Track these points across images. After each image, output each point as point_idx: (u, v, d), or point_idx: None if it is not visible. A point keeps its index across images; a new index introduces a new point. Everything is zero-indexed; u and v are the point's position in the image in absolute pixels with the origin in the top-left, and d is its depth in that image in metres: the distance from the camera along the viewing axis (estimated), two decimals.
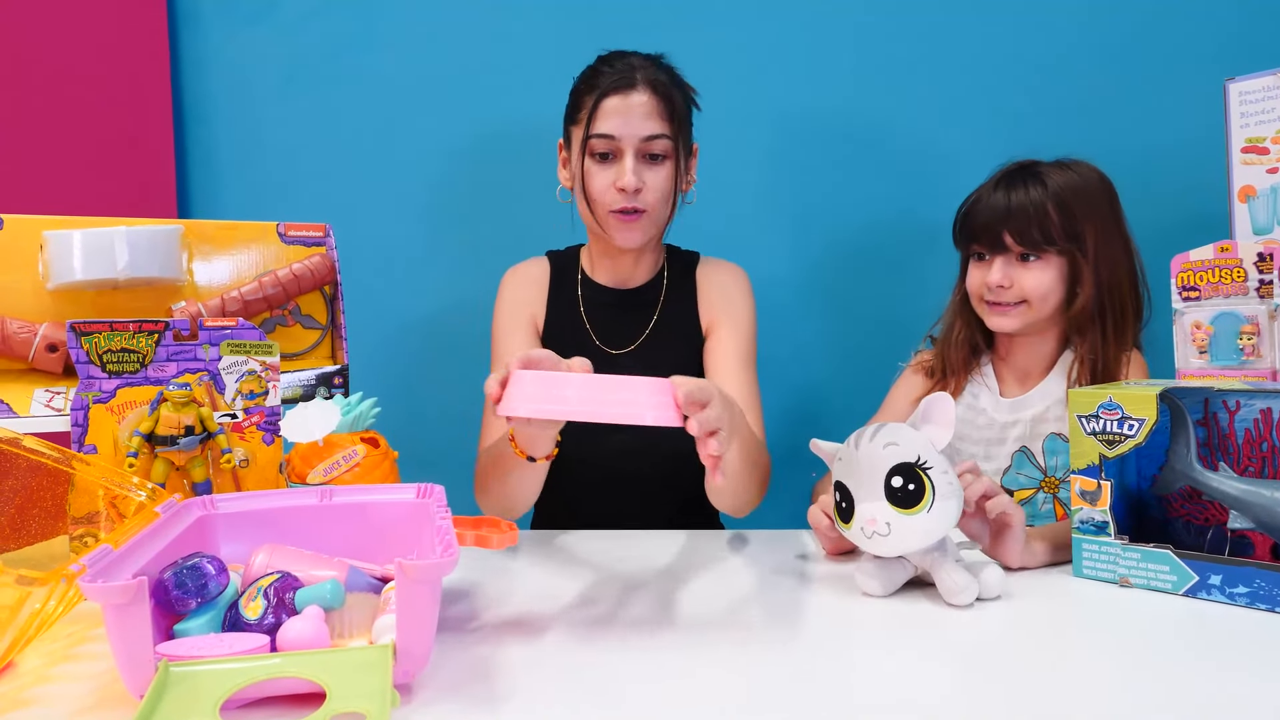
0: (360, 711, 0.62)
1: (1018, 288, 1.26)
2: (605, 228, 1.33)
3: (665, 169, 1.31)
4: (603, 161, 1.30)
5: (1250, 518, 0.94)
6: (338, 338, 1.27)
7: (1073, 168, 1.28)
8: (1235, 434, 1.00)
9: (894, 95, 1.69)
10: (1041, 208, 1.24)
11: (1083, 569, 1.00)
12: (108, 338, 1.03)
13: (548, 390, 0.84)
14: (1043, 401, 1.30)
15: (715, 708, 0.69)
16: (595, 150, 1.30)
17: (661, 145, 1.29)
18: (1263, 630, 0.84)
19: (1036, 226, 1.24)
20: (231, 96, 1.75)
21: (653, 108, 1.29)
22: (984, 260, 1.30)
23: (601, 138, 1.29)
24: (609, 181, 1.29)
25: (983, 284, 1.29)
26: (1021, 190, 1.25)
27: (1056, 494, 1.29)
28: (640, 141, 1.28)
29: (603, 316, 1.41)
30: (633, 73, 1.29)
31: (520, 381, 0.86)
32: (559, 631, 0.86)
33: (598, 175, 1.30)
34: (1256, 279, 1.02)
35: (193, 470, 1.03)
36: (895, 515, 0.90)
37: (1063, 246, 1.25)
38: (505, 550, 1.16)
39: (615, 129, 1.28)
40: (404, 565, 0.67)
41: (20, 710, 0.70)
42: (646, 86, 1.29)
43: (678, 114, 1.31)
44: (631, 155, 1.28)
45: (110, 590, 0.63)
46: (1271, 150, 1.11)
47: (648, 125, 1.28)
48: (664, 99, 1.29)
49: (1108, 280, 1.26)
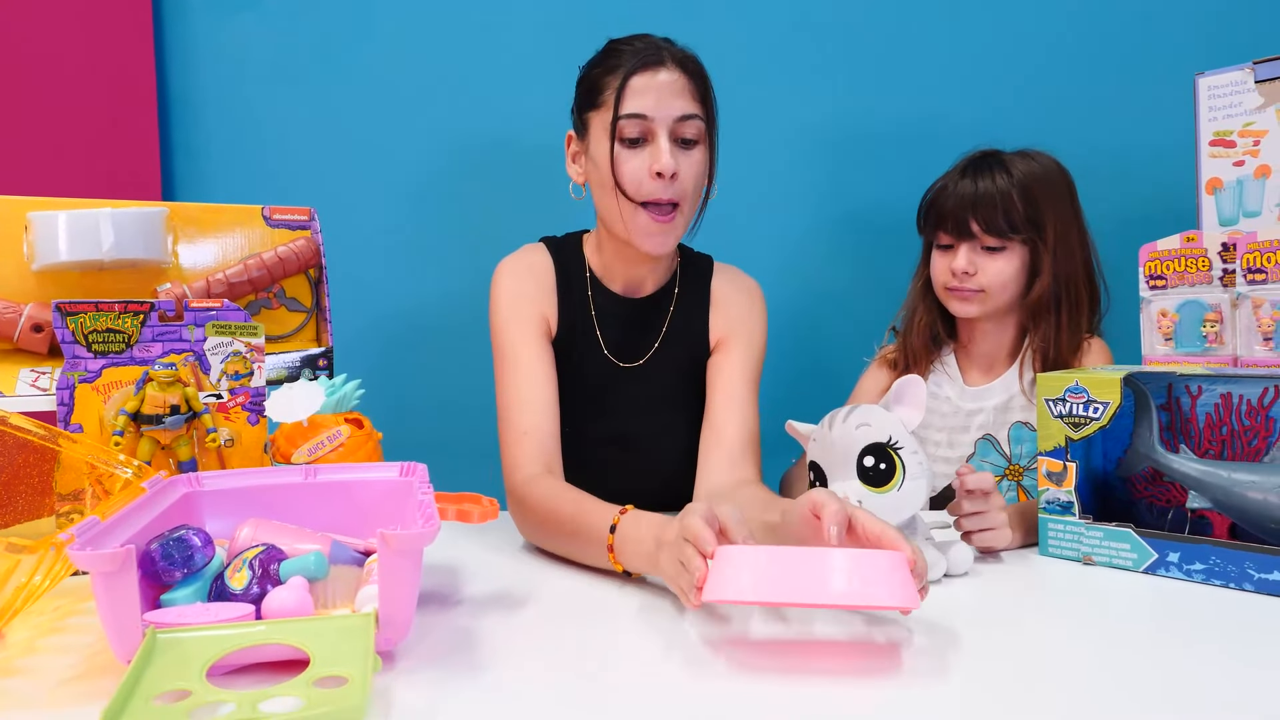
0: (343, 675, 0.64)
1: (979, 276, 1.29)
2: (633, 232, 1.19)
3: (699, 155, 1.19)
4: (633, 147, 1.16)
5: (1208, 498, 0.98)
6: (322, 320, 1.28)
7: (1035, 157, 1.32)
8: (1197, 418, 1.04)
9: (871, 92, 1.71)
10: (1007, 196, 1.27)
11: (1048, 548, 1.03)
12: (93, 318, 1.04)
13: (768, 570, 0.72)
14: (1006, 391, 1.34)
15: (692, 674, 0.71)
16: (625, 134, 1.16)
17: (695, 127, 1.17)
18: (1217, 604, 0.87)
19: (1002, 214, 1.27)
20: (217, 83, 1.76)
21: (684, 86, 1.17)
22: (949, 248, 1.32)
23: (633, 118, 1.15)
24: (643, 166, 1.16)
25: (947, 270, 1.31)
26: (988, 178, 1.28)
27: (1020, 482, 1.32)
28: (674, 122, 1.16)
29: (616, 329, 1.29)
30: (659, 50, 1.18)
31: (731, 562, 0.73)
32: (538, 606, 0.89)
33: (630, 161, 1.16)
34: (1220, 268, 1.05)
35: (178, 449, 1.04)
36: (867, 494, 0.93)
37: (1026, 235, 1.28)
38: (486, 530, 1.18)
39: (647, 108, 1.15)
40: (386, 536, 0.69)
41: (10, 678, 0.72)
42: (676, 64, 1.17)
43: (710, 95, 1.21)
44: (665, 137, 1.15)
45: (99, 558, 0.65)
46: (1238, 144, 1.14)
47: (680, 104, 1.16)
48: (695, 77, 1.18)
49: (1065, 270, 1.30)
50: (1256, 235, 1.01)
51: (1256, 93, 1.10)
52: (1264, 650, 0.76)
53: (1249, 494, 0.94)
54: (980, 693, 0.67)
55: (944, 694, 0.67)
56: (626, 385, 1.28)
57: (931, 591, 0.92)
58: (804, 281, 1.74)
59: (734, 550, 0.74)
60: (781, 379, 1.73)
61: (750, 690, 0.67)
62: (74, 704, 0.67)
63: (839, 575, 0.70)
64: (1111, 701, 0.65)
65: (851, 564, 0.71)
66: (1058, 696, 0.67)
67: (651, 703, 0.66)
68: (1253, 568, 0.90)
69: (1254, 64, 1.10)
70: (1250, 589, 0.90)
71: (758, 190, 1.74)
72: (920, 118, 1.70)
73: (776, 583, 0.71)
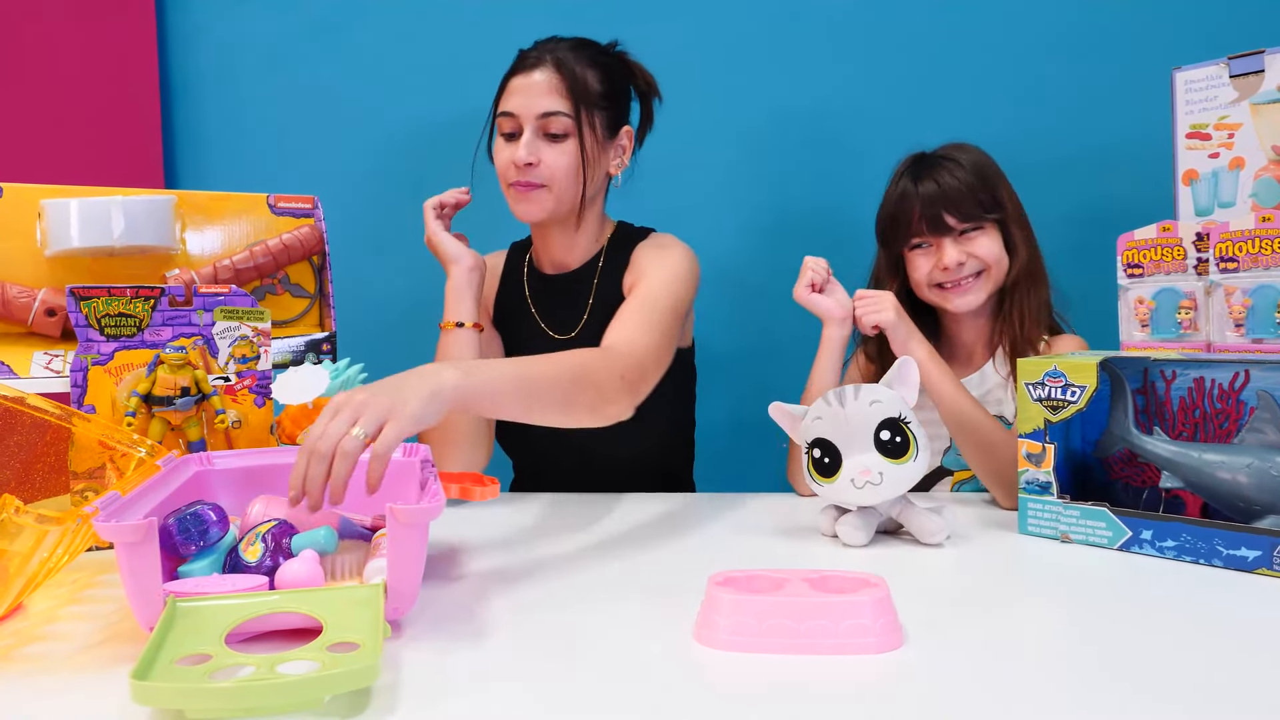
0: (355, 641, 0.68)
1: (974, 259, 1.32)
2: (508, 201, 1.36)
3: (566, 146, 1.31)
4: (509, 140, 1.33)
5: (1180, 478, 1.02)
6: (326, 306, 1.32)
7: (967, 148, 1.35)
8: (1171, 401, 1.08)
9: (847, 85, 1.74)
10: (969, 184, 1.30)
11: (1027, 526, 1.07)
12: (106, 302, 1.07)
13: (760, 623, 0.72)
14: (982, 385, 1.37)
15: (686, 646, 0.75)
16: (502, 130, 1.34)
17: (560, 123, 1.30)
18: (1187, 580, 0.91)
19: (971, 201, 1.30)
20: (219, 72, 1.79)
21: (553, 85, 1.30)
22: (926, 249, 1.34)
23: (504, 116, 1.33)
24: (509, 157, 1.32)
25: (933, 270, 1.33)
26: (944, 173, 1.31)
27: None
28: (537, 118, 1.30)
29: (548, 302, 1.44)
30: (543, 54, 1.32)
31: (722, 609, 0.73)
32: (539, 580, 0.92)
33: (502, 151, 1.34)
34: (1195, 257, 1.09)
35: (188, 430, 1.08)
36: (887, 465, 1.00)
37: (995, 215, 1.32)
38: (488, 509, 1.22)
39: (514, 106, 1.31)
40: (395, 510, 0.73)
41: (35, 644, 0.76)
42: (551, 66, 1.31)
43: (583, 93, 1.31)
44: (530, 131, 1.30)
45: (124, 529, 0.69)
46: (1213, 136, 1.17)
47: (545, 102, 1.30)
48: (568, 77, 1.30)
49: (1033, 241, 1.35)
50: (1229, 225, 1.05)
51: (1231, 87, 1.14)
52: (1229, 623, 0.80)
53: (1218, 474, 0.98)
54: (960, 664, 0.71)
55: (924, 666, 0.70)
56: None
57: (914, 567, 0.96)
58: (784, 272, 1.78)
59: (726, 598, 0.74)
60: (742, 372, 1.75)
61: (741, 662, 0.71)
62: (99, 668, 0.70)
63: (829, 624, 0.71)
64: (1084, 669, 0.69)
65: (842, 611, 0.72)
66: (1034, 666, 0.71)
67: (647, 671, 0.70)
68: (1221, 544, 0.94)
69: (1229, 59, 1.14)
70: (1219, 564, 0.94)
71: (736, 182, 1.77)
72: (898, 113, 1.73)
73: (772, 636, 0.72)
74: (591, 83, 1.32)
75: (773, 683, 0.66)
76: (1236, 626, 0.79)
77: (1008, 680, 0.67)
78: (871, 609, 0.72)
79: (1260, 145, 1.13)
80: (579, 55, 1.33)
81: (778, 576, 0.78)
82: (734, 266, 1.72)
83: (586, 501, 1.27)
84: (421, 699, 0.64)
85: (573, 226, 1.40)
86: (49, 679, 0.69)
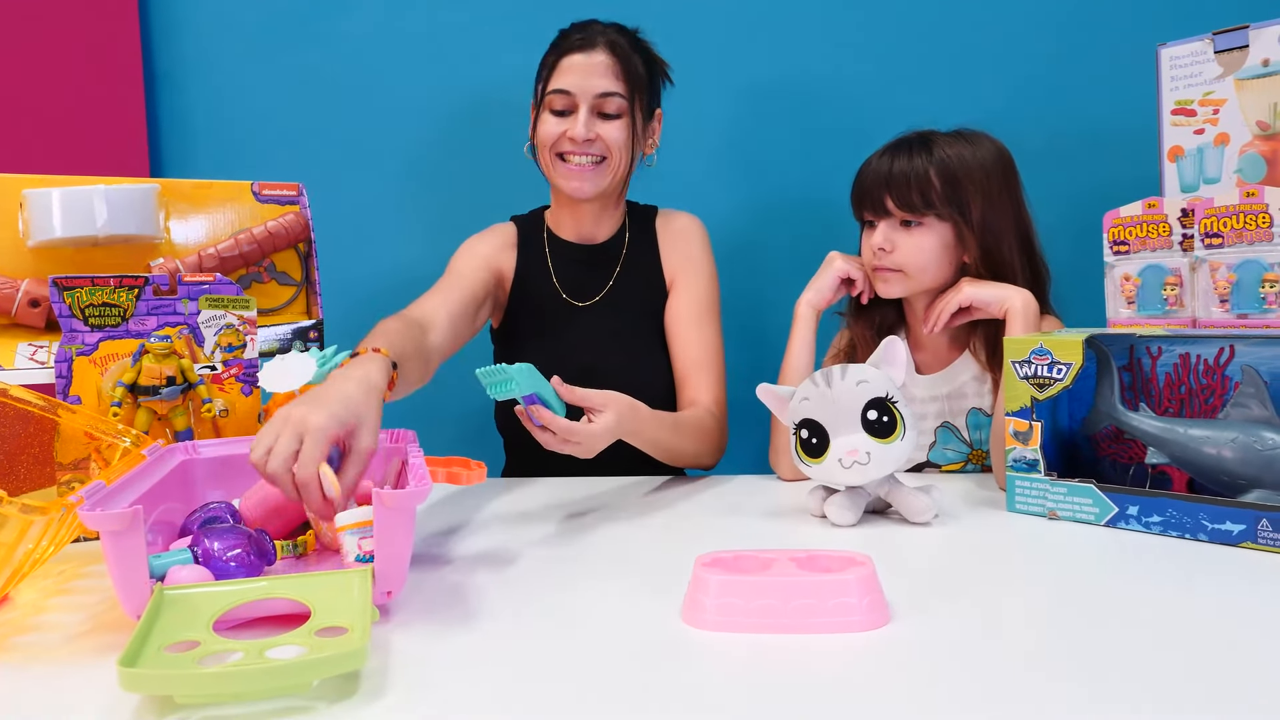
0: (343, 625, 0.68)
1: (896, 254, 1.28)
2: (556, 176, 1.41)
3: (619, 124, 1.38)
4: (559, 117, 1.38)
5: (1166, 453, 1.02)
6: (312, 293, 1.31)
7: (968, 139, 1.29)
8: (1157, 378, 1.08)
9: (843, 61, 1.74)
10: (924, 174, 1.25)
11: (1015, 504, 1.08)
12: (89, 292, 1.07)
13: (747, 603, 0.73)
14: (958, 378, 1.34)
15: (672, 626, 0.75)
16: (553, 106, 1.38)
17: (616, 104, 1.37)
18: (1173, 554, 0.92)
19: (917, 191, 1.26)
20: (203, 59, 1.77)
21: (609, 67, 1.36)
22: (872, 227, 1.32)
23: (559, 93, 1.37)
24: (561, 130, 1.37)
25: (870, 249, 1.30)
26: (905, 158, 1.27)
27: (984, 465, 1.34)
28: (594, 97, 1.36)
29: (569, 271, 1.48)
30: (595, 36, 1.38)
31: (709, 590, 0.74)
32: (527, 563, 0.92)
33: (550, 123, 1.38)
34: (1180, 234, 1.09)
35: (175, 419, 1.07)
36: (874, 445, 1.00)
37: (943, 212, 1.26)
38: (476, 493, 1.22)
39: (571, 85, 1.36)
40: (381, 494, 0.73)
41: (23, 635, 0.76)
42: (606, 48, 1.37)
43: (634, 76, 1.38)
44: (585, 110, 1.36)
45: (109, 518, 0.68)
46: (1199, 112, 1.17)
47: (602, 83, 1.36)
48: (622, 60, 1.37)
49: (993, 249, 1.27)
50: (1214, 201, 1.05)
51: (1216, 63, 1.14)
52: (1215, 597, 0.80)
53: (1204, 449, 0.99)
54: (946, 641, 0.71)
55: (911, 644, 0.71)
56: (584, 319, 1.46)
57: (902, 545, 0.97)
58: (782, 248, 1.78)
59: (713, 578, 0.74)
60: (729, 356, 1.75)
61: (728, 642, 0.71)
62: (87, 657, 0.70)
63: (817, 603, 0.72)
64: (1070, 645, 0.70)
65: (829, 591, 0.72)
66: (1020, 643, 0.71)
67: (635, 652, 0.70)
68: (1206, 519, 0.94)
69: (1213, 34, 1.14)
70: (1204, 539, 0.94)
71: (736, 157, 1.77)
72: (892, 90, 1.73)
73: (760, 615, 0.72)
74: (638, 66, 1.40)
75: (760, 662, 0.67)
76: (1222, 600, 0.79)
77: (994, 656, 0.68)
78: (857, 587, 0.72)
79: (1245, 121, 1.13)
80: (626, 39, 1.40)
81: (765, 557, 0.78)
82: (721, 249, 1.71)
83: (574, 484, 1.27)
84: (410, 682, 0.64)
85: (612, 202, 1.48)
86: (37, 669, 0.68)
